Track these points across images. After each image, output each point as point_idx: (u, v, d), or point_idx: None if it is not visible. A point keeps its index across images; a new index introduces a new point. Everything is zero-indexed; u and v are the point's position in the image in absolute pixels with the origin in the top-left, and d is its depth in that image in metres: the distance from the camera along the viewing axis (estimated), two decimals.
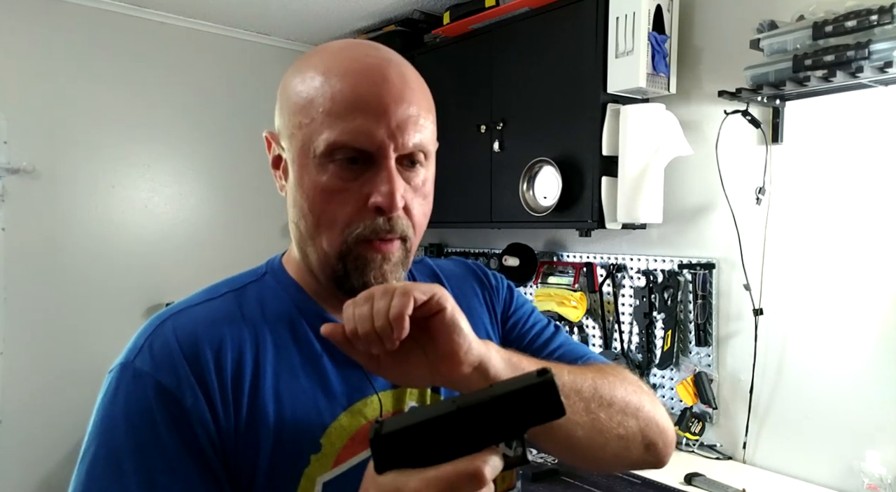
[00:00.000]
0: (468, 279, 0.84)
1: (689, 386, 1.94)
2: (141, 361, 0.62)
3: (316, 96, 0.63)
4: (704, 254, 1.98)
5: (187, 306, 0.68)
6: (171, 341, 0.63)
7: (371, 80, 0.62)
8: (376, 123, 0.61)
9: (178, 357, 0.61)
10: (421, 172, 0.66)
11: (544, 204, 2.15)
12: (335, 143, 0.61)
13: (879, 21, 1.44)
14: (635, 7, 1.86)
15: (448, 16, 2.45)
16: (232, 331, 0.65)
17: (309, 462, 0.63)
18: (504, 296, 0.85)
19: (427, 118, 0.65)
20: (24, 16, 2.39)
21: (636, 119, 1.91)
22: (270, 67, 3.01)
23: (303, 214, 0.66)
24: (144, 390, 0.60)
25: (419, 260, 0.84)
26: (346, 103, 0.61)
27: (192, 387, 0.60)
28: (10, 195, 2.37)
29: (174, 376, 0.60)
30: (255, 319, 0.67)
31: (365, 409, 0.67)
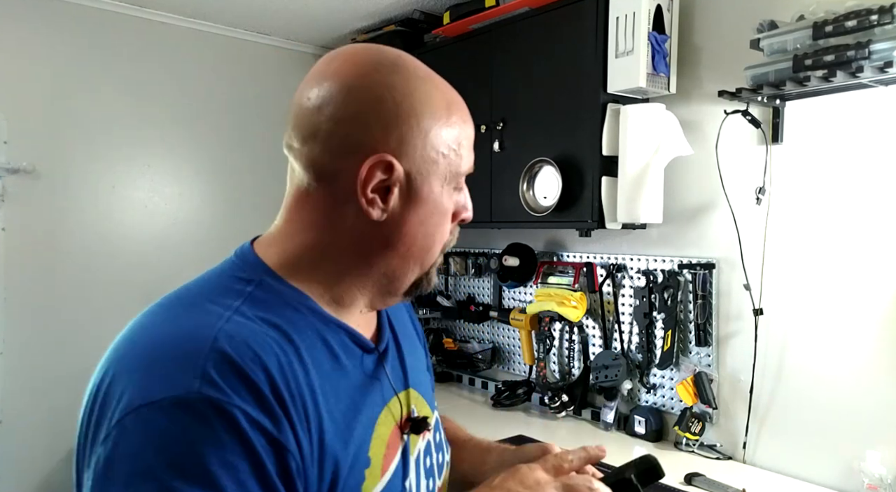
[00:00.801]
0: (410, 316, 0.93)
1: (689, 386, 1.94)
2: (211, 389, 0.52)
3: (461, 128, 0.70)
4: (704, 254, 1.98)
5: (226, 316, 0.60)
6: (243, 362, 0.55)
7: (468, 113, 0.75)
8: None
9: (258, 379, 0.55)
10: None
11: (544, 204, 2.15)
12: (466, 172, 0.72)
13: (879, 21, 1.44)
14: (635, 7, 1.86)
15: (448, 16, 2.45)
16: (278, 349, 0.59)
17: (364, 478, 0.63)
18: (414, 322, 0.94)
19: None
20: (25, 16, 2.39)
21: (636, 119, 1.91)
22: (270, 67, 3.01)
23: (420, 240, 0.69)
24: (234, 423, 0.52)
25: None
26: (469, 141, 0.72)
27: (278, 415, 0.55)
28: (10, 195, 2.37)
29: (261, 405, 0.54)
30: (283, 333, 0.62)
31: (390, 414, 0.71)
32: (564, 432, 2.15)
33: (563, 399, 2.23)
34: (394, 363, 0.75)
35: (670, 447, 1.99)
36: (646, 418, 2.05)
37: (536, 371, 2.45)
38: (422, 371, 0.83)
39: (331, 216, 0.67)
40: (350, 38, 2.96)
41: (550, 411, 2.25)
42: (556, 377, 2.43)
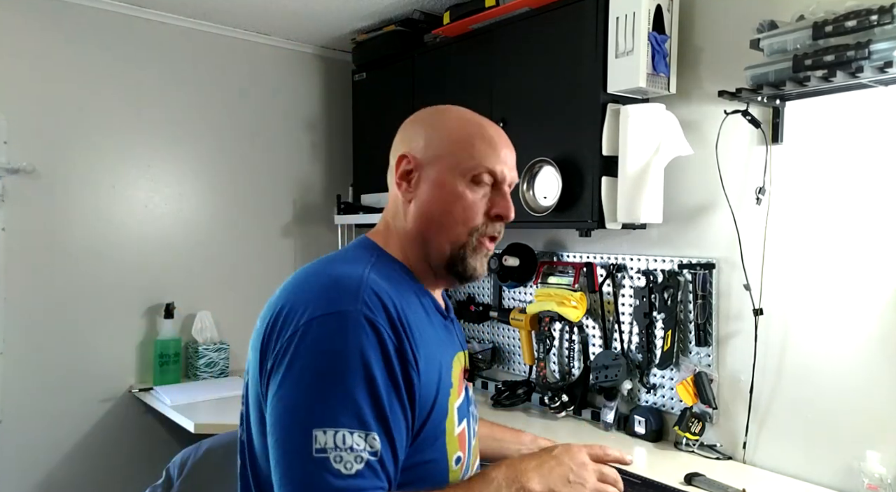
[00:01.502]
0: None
1: (689, 386, 1.94)
2: (369, 312, 0.80)
3: (475, 139, 0.95)
4: (704, 254, 1.98)
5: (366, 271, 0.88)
6: (384, 300, 0.83)
7: (501, 136, 1.00)
8: (505, 164, 0.97)
9: (392, 314, 0.83)
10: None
11: (544, 204, 2.15)
12: (490, 169, 0.94)
13: (879, 21, 1.44)
14: (635, 7, 1.86)
15: (448, 16, 2.45)
16: (397, 298, 0.86)
17: (450, 394, 0.91)
18: None
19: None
20: (25, 16, 2.39)
21: (636, 119, 1.91)
22: (270, 67, 3.01)
23: (437, 215, 0.94)
24: (379, 335, 0.79)
25: None
26: (496, 144, 0.97)
27: (404, 340, 0.82)
28: (10, 195, 2.37)
29: (393, 329, 0.82)
30: (398, 292, 0.88)
31: (459, 361, 0.97)
32: (564, 433, 2.15)
33: (563, 399, 2.23)
34: (457, 331, 1.05)
35: (670, 447, 1.99)
36: (646, 418, 2.05)
37: (536, 371, 2.45)
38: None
39: (396, 205, 0.99)
40: (350, 38, 2.96)
41: (550, 411, 2.25)
42: (556, 377, 2.43)
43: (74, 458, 2.52)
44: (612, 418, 2.14)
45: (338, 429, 0.73)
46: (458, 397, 0.93)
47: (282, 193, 3.05)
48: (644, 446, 2.01)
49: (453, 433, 0.90)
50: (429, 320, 0.93)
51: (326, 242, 3.19)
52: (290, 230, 3.08)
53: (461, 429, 0.92)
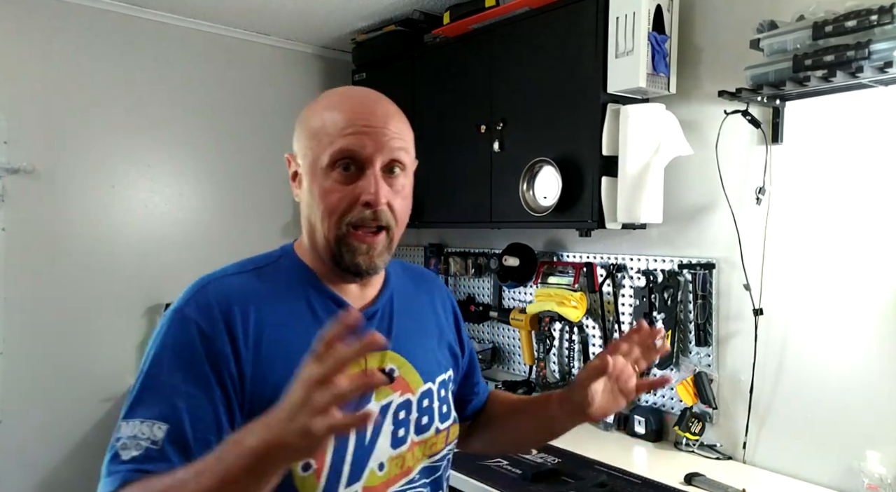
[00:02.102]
0: (437, 292, 1.12)
1: (689, 386, 1.94)
2: (189, 310, 0.84)
3: (325, 124, 0.87)
4: (704, 254, 1.98)
5: (224, 276, 0.91)
6: (211, 299, 0.85)
7: (363, 109, 0.88)
8: (367, 140, 0.86)
9: (215, 312, 0.84)
10: (400, 178, 0.90)
11: (544, 204, 2.15)
12: (337, 151, 0.85)
13: (879, 21, 1.44)
14: (635, 7, 1.86)
15: (448, 16, 2.45)
16: (253, 299, 0.88)
17: None
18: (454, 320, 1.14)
19: (404, 139, 0.90)
20: (24, 16, 2.39)
21: (636, 119, 1.91)
22: (270, 67, 3.01)
23: (312, 210, 0.89)
24: (189, 330, 0.83)
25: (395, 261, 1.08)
26: (346, 125, 0.86)
27: (223, 334, 0.83)
28: (10, 195, 2.37)
29: (211, 325, 0.83)
30: (272, 292, 0.90)
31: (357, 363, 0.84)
32: None
33: None
34: (378, 328, 0.95)
35: (670, 447, 1.99)
36: (646, 418, 2.05)
37: (536, 371, 2.45)
38: (421, 348, 1.00)
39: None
40: (350, 38, 2.96)
41: None
42: (556, 377, 2.43)
43: (74, 458, 2.52)
44: (612, 417, 2.14)
45: (132, 419, 0.79)
46: None
47: (282, 192, 3.04)
48: (644, 446, 2.01)
49: None
50: (313, 318, 0.89)
51: None
52: (290, 230, 3.07)
53: None
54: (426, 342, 1.02)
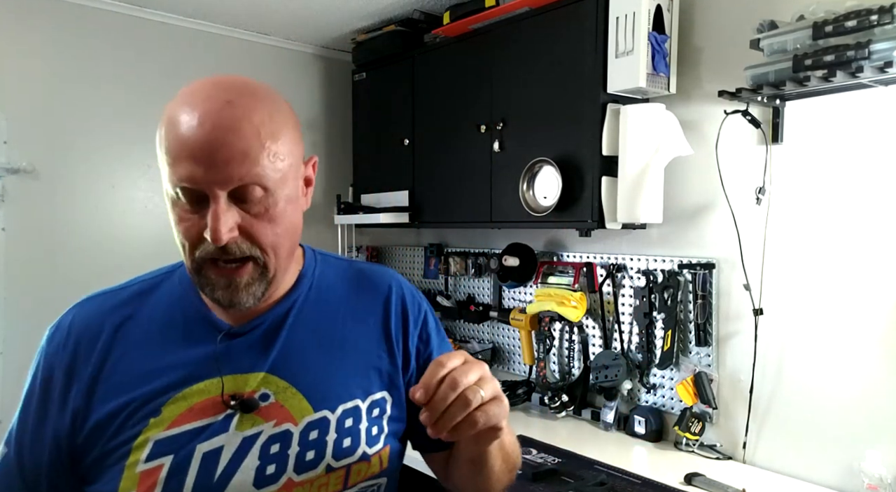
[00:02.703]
0: (377, 299, 0.95)
1: (689, 386, 1.94)
2: (46, 339, 0.86)
3: (162, 140, 0.74)
4: (704, 254, 1.98)
5: (98, 294, 0.90)
6: (64, 329, 0.85)
7: (194, 124, 0.71)
8: (197, 168, 0.71)
9: (62, 343, 0.84)
10: (262, 202, 0.75)
11: (544, 204, 2.15)
12: (173, 181, 0.73)
13: (879, 21, 1.44)
14: (635, 7, 1.86)
15: (448, 16, 2.45)
16: (114, 319, 0.85)
17: (148, 424, 0.78)
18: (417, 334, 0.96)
19: (265, 151, 0.73)
20: (24, 16, 2.39)
21: (636, 119, 1.91)
22: (270, 67, 3.01)
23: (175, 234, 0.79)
24: (40, 359, 0.85)
25: (345, 261, 1.00)
26: (176, 148, 0.72)
27: (63, 369, 0.82)
28: (10, 195, 2.37)
29: (60, 350, 0.83)
30: (144, 310, 0.86)
31: (216, 385, 0.81)
32: (565, 433, 2.15)
33: (563, 399, 2.23)
34: (257, 349, 0.84)
35: (670, 447, 1.99)
36: (646, 418, 2.05)
37: (536, 371, 2.45)
38: (320, 370, 0.86)
39: None
40: (350, 38, 2.96)
41: (550, 411, 2.25)
42: (556, 377, 2.43)
43: None
44: (612, 418, 2.14)
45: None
46: (163, 428, 0.78)
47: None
48: (644, 446, 2.01)
49: (134, 471, 0.76)
50: (181, 338, 0.83)
51: (326, 242, 3.19)
52: None
53: (153, 466, 0.76)
54: (333, 362, 0.86)
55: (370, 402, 0.87)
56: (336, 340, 0.88)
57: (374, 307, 0.93)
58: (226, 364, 0.82)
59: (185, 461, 0.77)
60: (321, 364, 0.86)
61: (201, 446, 0.78)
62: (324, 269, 0.94)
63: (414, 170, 2.67)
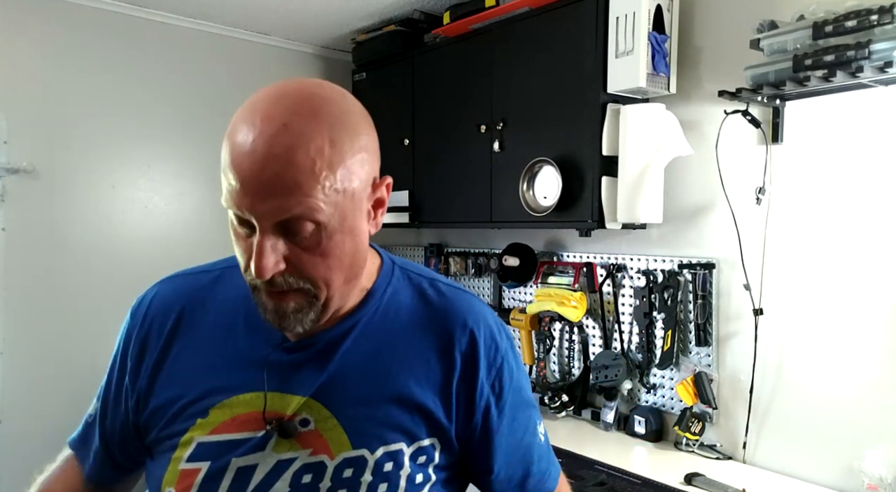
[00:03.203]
0: (443, 336, 0.82)
1: (689, 386, 1.94)
2: (131, 310, 0.88)
3: (223, 157, 0.69)
4: (704, 254, 1.98)
5: (182, 274, 0.90)
6: (145, 305, 0.87)
7: (246, 151, 0.66)
8: (245, 198, 0.66)
9: (141, 318, 0.86)
10: (314, 236, 0.69)
11: (544, 204, 2.15)
12: (235, 207, 0.68)
13: (879, 21, 1.44)
14: (635, 7, 1.86)
15: (448, 16, 2.45)
16: (188, 303, 0.85)
17: (195, 423, 0.78)
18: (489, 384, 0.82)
19: (319, 184, 0.66)
20: (25, 16, 2.39)
21: (636, 119, 1.91)
22: (270, 67, 3.01)
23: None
24: (123, 329, 0.88)
25: (426, 278, 0.88)
26: (229, 172, 0.67)
27: (138, 344, 0.84)
28: (10, 195, 2.37)
29: (138, 324, 0.86)
30: (216, 298, 0.84)
31: (260, 399, 0.78)
32: (564, 432, 2.15)
33: (563, 399, 2.23)
34: (307, 369, 0.78)
35: (670, 447, 1.99)
36: (646, 418, 2.05)
37: (536, 371, 2.45)
38: (364, 404, 0.78)
39: None
40: (350, 38, 2.96)
41: (550, 411, 2.25)
42: (556, 377, 2.43)
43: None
44: (612, 418, 2.14)
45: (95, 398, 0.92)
46: (206, 432, 0.77)
47: None
48: (644, 446, 2.01)
49: (177, 466, 0.77)
50: (239, 336, 0.81)
51: None
52: None
53: (193, 467, 0.76)
54: (382, 399, 0.78)
55: (416, 448, 0.78)
56: (391, 375, 0.79)
57: (439, 345, 0.81)
58: (273, 379, 0.78)
59: (220, 472, 0.75)
60: (369, 399, 0.78)
61: (237, 460, 0.75)
62: (398, 287, 0.85)
63: (414, 170, 2.67)
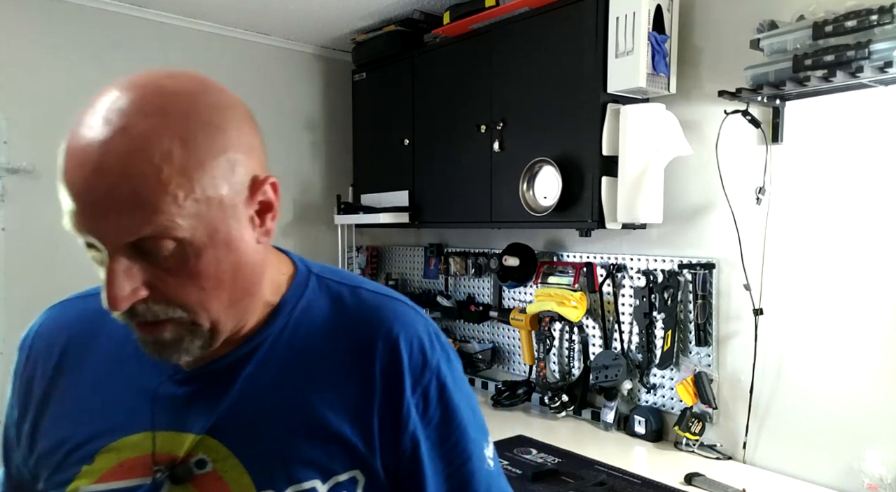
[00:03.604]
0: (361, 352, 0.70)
1: (689, 386, 1.94)
2: (21, 339, 0.78)
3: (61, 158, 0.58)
4: (704, 254, 1.98)
5: (67, 300, 0.79)
6: (31, 334, 0.77)
7: (79, 157, 0.56)
8: (83, 216, 0.56)
9: (28, 349, 0.76)
10: (175, 255, 0.57)
11: (544, 204, 2.15)
12: (69, 228, 0.59)
13: (879, 21, 1.44)
14: (635, 7, 1.86)
15: (448, 16, 2.45)
16: (74, 333, 0.74)
17: (80, 471, 0.68)
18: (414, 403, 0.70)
19: (169, 196, 0.55)
20: (24, 16, 2.39)
21: (636, 119, 1.91)
22: (270, 67, 3.01)
23: None
24: (14, 361, 0.78)
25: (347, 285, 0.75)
26: (62, 186, 0.57)
27: (25, 376, 0.75)
28: (10, 195, 2.37)
29: (23, 362, 0.76)
30: (110, 325, 0.67)
31: (144, 442, 0.68)
32: (564, 433, 2.15)
33: (563, 399, 2.23)
34: (202, 402, 0.67)
35: (670, 447, 1.99)
36: (646, 418, 2.05)
37: (536, 371, 2.45)
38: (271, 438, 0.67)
39: None
40: (350, 38, 2.96)
41: (550, 411, 2.25)
42: (556, 377, 2.43)
43: None
44: (612, 418, 2.14)
45: None
46: (92, 481, 0.67)
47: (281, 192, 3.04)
48: (644, 446, 2.01)
49: None
50: (130, 366, 0.70)
51: (326, 242, 3.19)
52: (290, 230, 3.08)
53: None
54: (290, 431, 0.67)
55: (333, 484, 0.67)
56: (301, 402, 0.68)
57: (356, 362, 0.69)
58: (163, 416, 0.67)
59: None
60: (276, 432, 0.67)
61: None
62: (313, 299, 0.73)
63: (414, 170, 2.67)
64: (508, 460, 1.85)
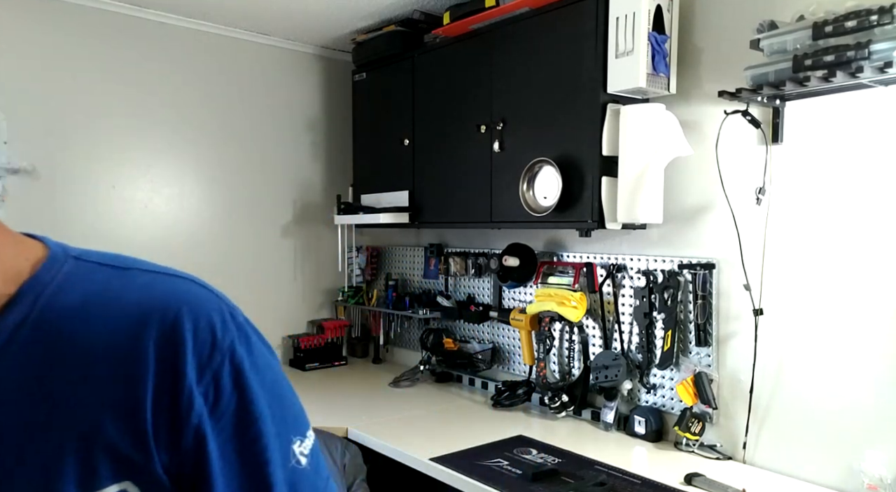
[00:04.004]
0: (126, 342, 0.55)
1: (689, 386, 1.94)
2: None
3: None
4: (704, 254, 1.98)
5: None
6: None
7: None
8: None
9: None
10: None
11: (544, 204, 2.15)
12: None
13: (879, 21, 1.44)
14: (635, 7, 1.86)
15: (448, 16, 2.45)
16: None
17: None
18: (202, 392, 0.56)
19: None
20: (24, 16, 2.39)
21: (636, 119, 1.91)
22: (270, 67, 3.01)
23: None
24: None
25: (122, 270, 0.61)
26: None
27: None
28: (10, 195, 2.37)
29: None
30: None
31: None
32: (565, 433, 2.15)
33: (563, 399, 2.23)
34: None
35: (670, 447, 1.99)
36: (646, 418, 2.05)
37: (536, 371, 2.45)
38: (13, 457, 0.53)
39: None
40: (350, 39, 2.96)
41: (550, 411, 2.25)
42: (556, 377, 2.43)
43: None
44: (612, 418, 2.14)
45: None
46: None
47: (282, 193, 3.05)
48: (644, 446, 2.01)
49: None
50: None
51: (326, 242, 3.19)
52: (290, 230, 3.08)
53: None
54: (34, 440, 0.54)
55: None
56: (52, 406, 0.54)
57: (124, 350, 0.55)
58: None
59: None
60: (19, 443, 0.53)
61: None
62: (69, 286, 0.60)
63: (414, 170, 2.67)
64: (508, 460, 1.85)
